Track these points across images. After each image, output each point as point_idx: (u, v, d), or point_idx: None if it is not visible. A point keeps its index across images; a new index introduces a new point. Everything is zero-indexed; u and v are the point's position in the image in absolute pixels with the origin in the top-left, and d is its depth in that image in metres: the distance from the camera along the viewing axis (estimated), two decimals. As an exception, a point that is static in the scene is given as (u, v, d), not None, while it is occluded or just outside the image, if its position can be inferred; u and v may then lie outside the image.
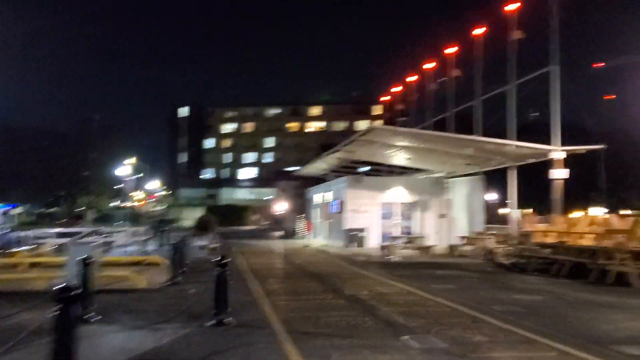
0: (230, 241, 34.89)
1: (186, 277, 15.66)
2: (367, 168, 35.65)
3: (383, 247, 22.38)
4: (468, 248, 23.08)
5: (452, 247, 23.44)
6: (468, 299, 11.71)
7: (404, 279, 15.31)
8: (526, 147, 20.87)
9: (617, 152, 37.40)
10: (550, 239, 19.34)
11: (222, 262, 8.79)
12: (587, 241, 17.93)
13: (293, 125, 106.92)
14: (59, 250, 19.83)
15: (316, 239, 35.53)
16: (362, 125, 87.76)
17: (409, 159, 27.44)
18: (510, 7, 23.97)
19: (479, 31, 27.35)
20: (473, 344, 7.66)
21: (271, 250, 28.88)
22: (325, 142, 76.99)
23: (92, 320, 9.06)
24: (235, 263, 20.47)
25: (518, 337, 8.12)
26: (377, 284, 14.43)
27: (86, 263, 9.39)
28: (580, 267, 17.11)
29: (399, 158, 27.68)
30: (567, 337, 8.03)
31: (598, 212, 56.78)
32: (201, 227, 29.85)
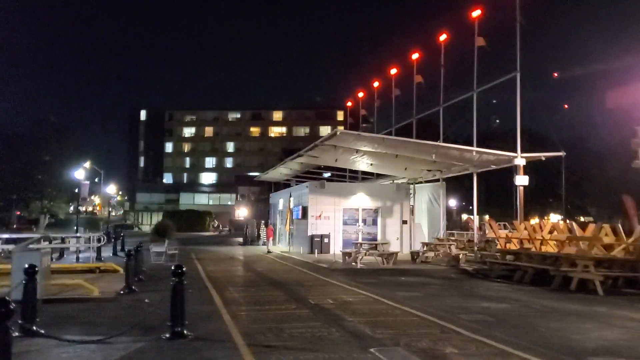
0: (190, 247, 33.99)
1: (142, 285, 14.96)
2: (329, 175, 35.37)
3: (346, 254, 22.03)
4: (431, 254, 22.96)
5: (415, 254, 23.28)
6: (435, 307, 11.42)
7: (369, 286, 14.96)
8: (488, 154, 20.89)
9: (574, 160, 38.12)
10: (512, 246, 19.37)
11: (179, 270, 8.20)
12: (550, 248, 18.01)
13: (254, 130, 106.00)
14: (7, 257, 18.75)
15: (278, 245, 34.96)
16: (324, 130, 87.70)
17: (372, 164, 27.24)
18: (474, 14, 24.05)
19: (442, 38, 27.41)
20: (445, 357, 7.31)
21: (232, 257, 28.19)
22: (287, 147, 76.62)
23: (37, 333, 8.33)
24: (194, 270, 19.77)
25: (490, 348, 7.82)
26: (341, 292, 14.02)
27: (32, 271, 8.66)
28: (543, 274, 17.19)
29: (362, 164, 27.45)
30: (540, 349, 7.77)
31: (556, 219, 58.12)
32: (159, 232, 28.94)
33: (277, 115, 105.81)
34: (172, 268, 8.44)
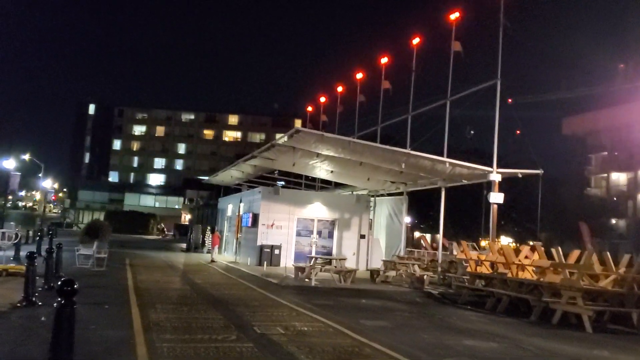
0: (126, 251, 30.86)
1: (52, 295, 12.12)
2: (283, 184, 32.88)
3: (299, 269, 19.64)
4: (392, 274, 20.82)
5: (374, 272, 21.09)
6: (411, 344, 9.19)
7: (327, 310, 12.62)
8: (462, 166, 19.00)
9: (528, 185, 36.90)
10: (484, 269, 17.43)
11: (67, 288, 5.58)
12: (527, 274, 16.14)
13: (208, 133, 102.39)
14: None
15: (224, 254, 32.24)
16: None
17: (333, 172, 25.01)
18: (452, 17, 22.31)
19: (415, 41, 25.55)
20: None
21: (170, 264, 25.33)
22: (241, 153, 73.63)
23: None
24: (121, 280, 16.98)
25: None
26: (294, 316, 11.61)
27: None
28: (518, 303, 15.36)
29: (322, 170, 25.19)
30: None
31: (506, 241, 57.52)
32: (90, 233, 25.71)
33: (233, 119, 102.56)
34: (59, 283, 5.84)
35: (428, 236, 53.43)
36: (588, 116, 65.99)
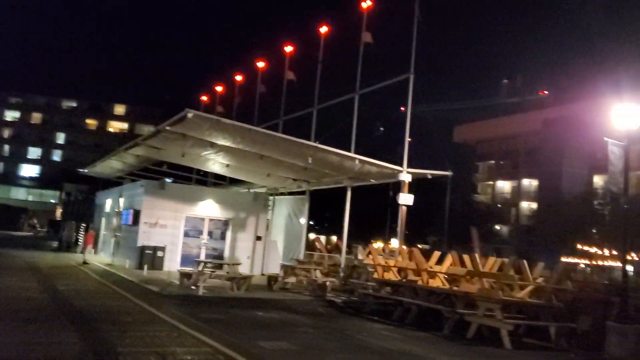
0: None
1: None
2: (170, 180, 29.75)
3: (185, 275, 17.12)
4: (291, 280, 18.86)
5: (272, 278, 19.01)
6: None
7: (217, 327, 10.39)
8: (372, 164, 17.50)
9: (419, 189, 36.64)
10: (391, 276, 15.99)
11: None
12: (438, 282, 14.88)
13: (91, 123, 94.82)
14: None
15: (100, 254, 28.69)
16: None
17: (229, 166, 22.64)
18: (364, 5, 20.89)
19: (323, 30, 23.89)
20: None
21: (33, 266, 21.71)
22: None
23: None
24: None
25: None
26: (175, 338, 9.26)
27: None
28: (427, 313, 14.03)
29: (216, 164, 22.73)
30: None
31: (395, 244, 57.83)
32: None
33: (119, 109, 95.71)
34: None
35: (323, 238, 52.35)
36: (477, 125, 68.54)
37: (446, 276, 14.79)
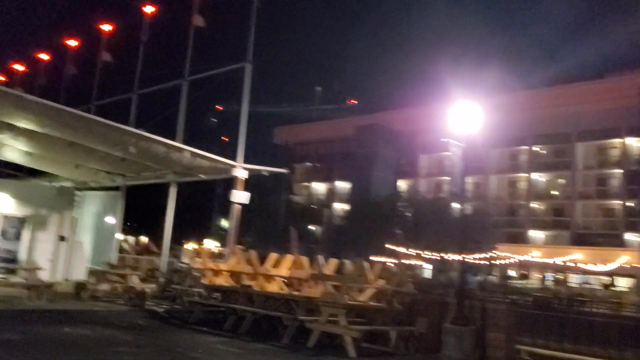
0: None
1: None
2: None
3: (-33, 283, 13.88)
4: (104, 287, 16.42)
5: (80, 285, 16.36)
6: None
7: (9, 352, 8.12)
8: (204, 157, 15.94)
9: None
10: (222, 281, 14.65)
11: None
12: (276, 287, 13.88)
13: None
14: None
15: None
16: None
17: (31, 154, 19.22)
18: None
19: (147, 9, 21.61)
20: None
21: None
22: None
23: None
24: None
25: None
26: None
27: None
28: (261, 321, 13.03)
29: (14, 151, 19.17)
30: None
31: (211, 245, 56.12)
32: None
33: None
34: None
35: (131, 239, 48.62)
36: (296, 128, 70.00)
37: (285, 280, 13.89)
